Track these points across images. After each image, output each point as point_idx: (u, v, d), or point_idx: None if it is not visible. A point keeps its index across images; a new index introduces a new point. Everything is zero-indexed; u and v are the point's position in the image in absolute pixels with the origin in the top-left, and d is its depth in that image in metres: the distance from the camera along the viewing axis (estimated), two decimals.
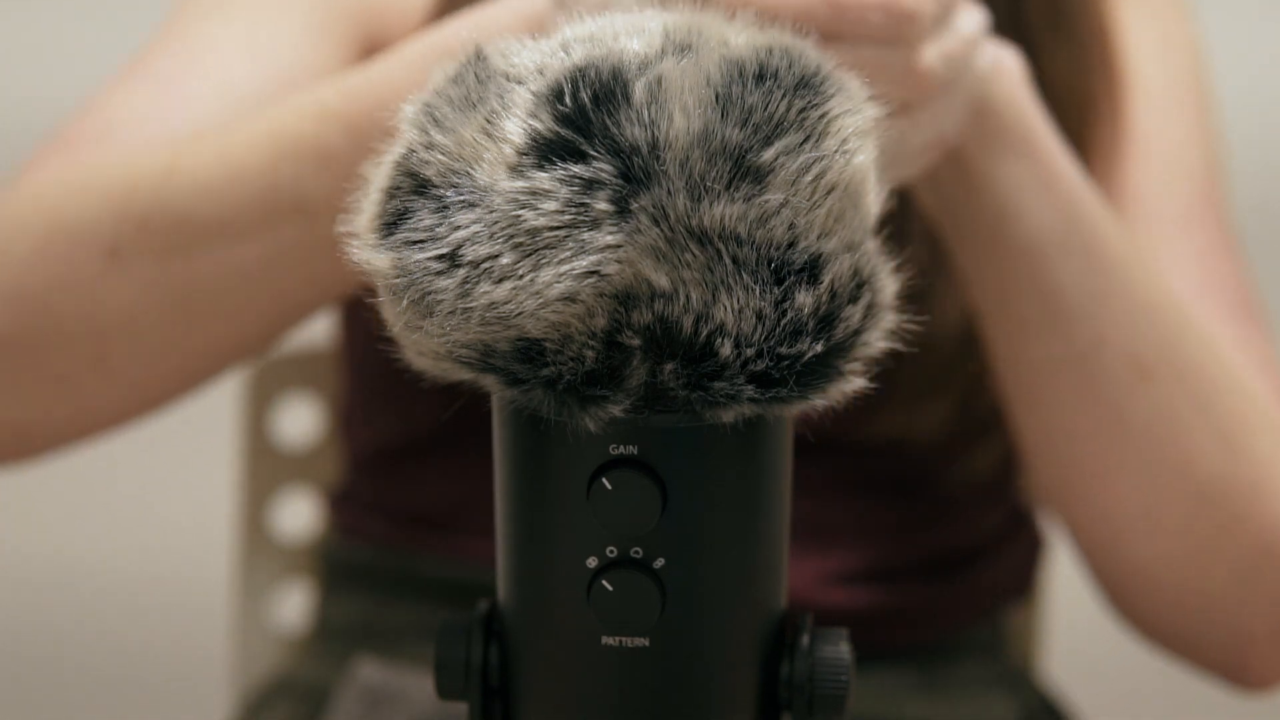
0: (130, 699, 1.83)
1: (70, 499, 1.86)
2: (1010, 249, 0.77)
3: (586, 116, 0.50)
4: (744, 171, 0.51)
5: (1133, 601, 0.86)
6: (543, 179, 0.50)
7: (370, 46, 0.89)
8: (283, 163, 0.74)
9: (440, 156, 0.52)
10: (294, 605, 1.13)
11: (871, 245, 0.53)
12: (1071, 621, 1.32)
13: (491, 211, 0.51)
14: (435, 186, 0.52)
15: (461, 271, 0.51)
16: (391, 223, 0.52)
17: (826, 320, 0.52)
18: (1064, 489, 0.83)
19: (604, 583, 0.53)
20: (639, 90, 0.51)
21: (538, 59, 0.53)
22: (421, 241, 0.51)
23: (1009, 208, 0.76)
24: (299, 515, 1.13)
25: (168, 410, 0.84)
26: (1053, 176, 0.77)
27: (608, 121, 0.50)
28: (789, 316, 0.51)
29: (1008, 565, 0.98)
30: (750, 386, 0.51)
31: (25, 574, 1.88)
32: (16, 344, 0.78)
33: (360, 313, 0.58)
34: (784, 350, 0.51)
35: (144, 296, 0.76)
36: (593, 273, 0.50)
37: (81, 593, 1.87)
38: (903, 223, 0.88)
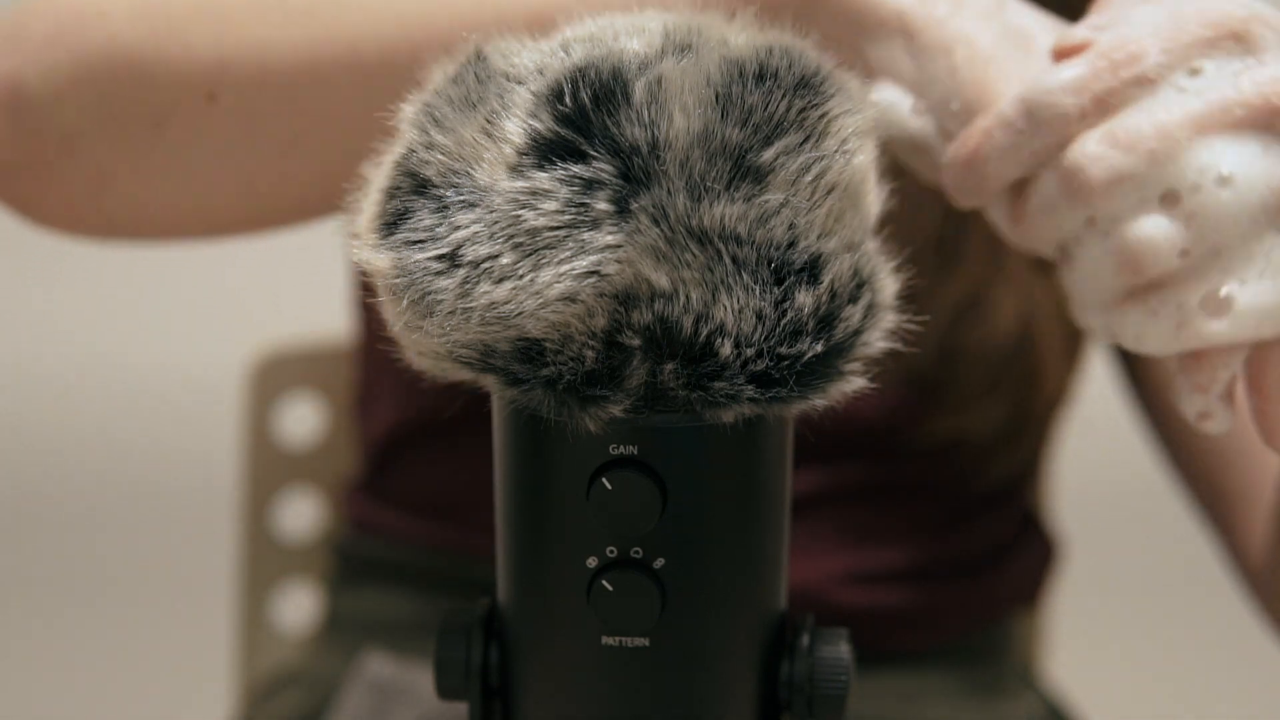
0: (132, 698, 1.84)
1: (72, 499, 1.87)
2: None
3: (586, 116, 0.50)
4: (744, 171, 0.50)
5: None
6: (543, 179, 0.50)
7: None
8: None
9: (440, 156, 0.52)
10: (297, 604, 1.13)
11: (871, 245, 0.53)
12: (1073, 625, 1.32)
13: (491, 211, 0.51)
14: (435, 186, 0.52)
15: (461, 271, 0.51)
16: (391, 223, 0.52)
17: (826, 320, 0.51)
18: None
19: (604, 583, 0.53)
20: (639, 90, 0.50)
21: (538, 59, 0.53)
22: (421, 241, 0.51)
23: None
24: (302, 514, 1.13)
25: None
26: None
27: (608, 121, 0.50)
28: (789, 316, 0.51)
29: (1024, 568, 0.98)
30: (750, 386, 0.51)
31: (20, 576, 1.88)
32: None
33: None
34: (784, 350, 0.51)
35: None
36: (593, 273, 0.50)
37: (81, 590, 1.88)
38: (959, 239, 0.88)
